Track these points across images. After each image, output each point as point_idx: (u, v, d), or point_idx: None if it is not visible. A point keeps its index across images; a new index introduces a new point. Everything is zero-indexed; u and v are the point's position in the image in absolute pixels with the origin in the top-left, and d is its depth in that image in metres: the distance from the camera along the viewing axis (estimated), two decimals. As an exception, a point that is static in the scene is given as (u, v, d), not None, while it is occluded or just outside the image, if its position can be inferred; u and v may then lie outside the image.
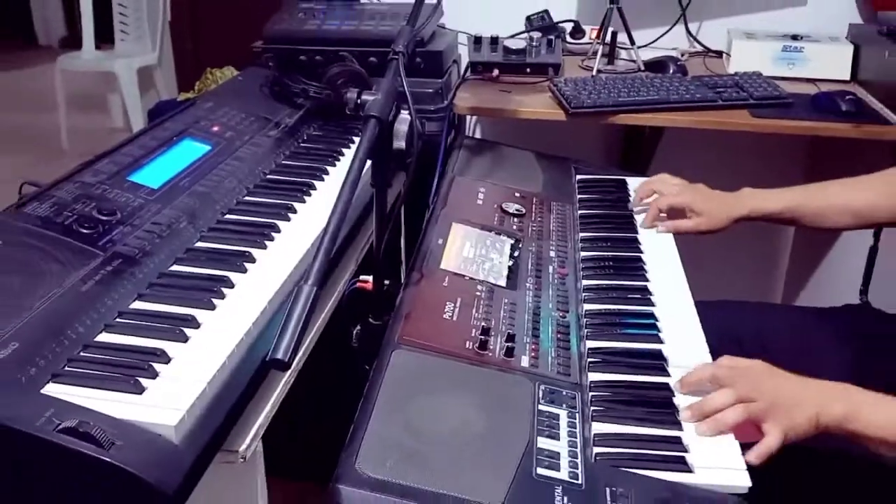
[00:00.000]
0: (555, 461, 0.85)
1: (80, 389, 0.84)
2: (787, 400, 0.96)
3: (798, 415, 0.94)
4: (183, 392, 0.85)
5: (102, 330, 0.94)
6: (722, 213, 1.33)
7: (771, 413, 0.94)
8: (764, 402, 0.95)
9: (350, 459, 0.80)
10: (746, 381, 0.97)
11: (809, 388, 0.98)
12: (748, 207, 1.33)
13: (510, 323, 1.08)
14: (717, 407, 0.94)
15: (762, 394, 0.95)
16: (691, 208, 1.36)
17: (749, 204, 1.33)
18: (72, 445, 0.76)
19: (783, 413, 0.94)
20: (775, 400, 0.95)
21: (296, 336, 0.75)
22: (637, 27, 2.05)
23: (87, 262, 1.03)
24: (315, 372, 1.14)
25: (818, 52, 1.98)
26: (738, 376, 0.97)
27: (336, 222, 0.85)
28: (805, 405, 0.95)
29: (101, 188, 1.19)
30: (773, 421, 0.94)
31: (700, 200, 1.35)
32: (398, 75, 1.07)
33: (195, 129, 1.45)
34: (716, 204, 1.34)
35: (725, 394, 0.95)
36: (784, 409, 0.95)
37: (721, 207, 1.34)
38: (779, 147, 2.27)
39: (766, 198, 1.34)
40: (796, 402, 0.95)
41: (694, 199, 1.36)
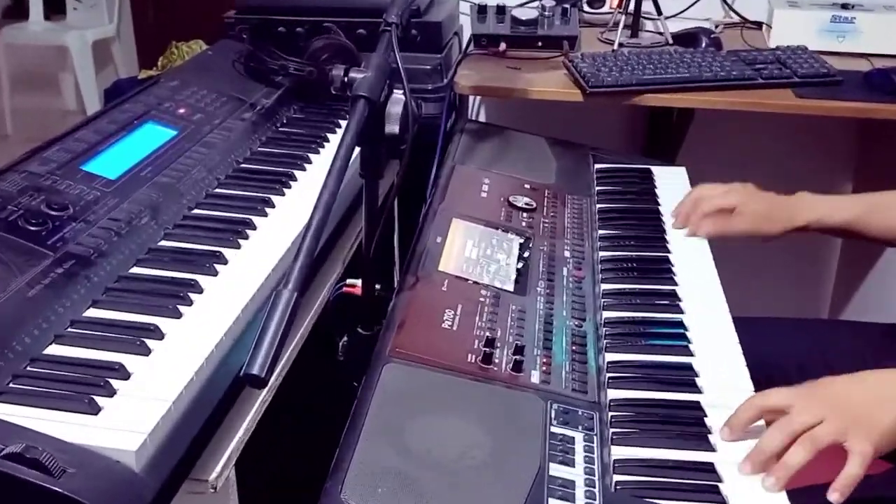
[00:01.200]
0: (569, 491, 0.85)
1: (26, 409, 0.84)
2: (862, 407, 0.91)
3: (881, 418, 0.90)
4: (145, 412, 0.85)
5: (52, 341, 0.95)
6: (779, 219, 1.31)
7: (850, 429, 0.89)
8: (837, 420, 0.90)
9: (335, 488, 0.80)
10: (803, 403, 0.92)
11: (880, 383, 0.95)
12: (810, 218, 1.31)
13: (518, 333, 1.08)
14: (776, 446, 0.89)
15: (831, 410, 0.90)
16: (742, 211, 1.33)
17: (810, 214, 1.31)
18: (17, 474, 0.76)
19: (863, 425, 0.89)
20: (847, 414, 0.90)
21: (273, 349, 0.75)
22: (664, -6, 2.05)
23: (34, 263, 1.03)
24: (296, 389, 1.14)
25: (872, 23, 1.98)
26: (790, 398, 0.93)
27: (320, 218, 0.85)
28: (884, 404, 0.91)
29: (51, 179, 1.20)
30: (854, 438, 0.89)
31: (753, 202, 1.32)
32: (391, 49, 1.07)
33: (158, 111, 1.46)
34: (772, 208, 1.32)
35: (779, 429, 0.90)
36: (862, 419, 0.90)
37: (778, 213, 1.31)
38: (827, 132, 2.27)
39: (827, 208, 1.31)
40: (872, 404, 0.92)
41: (745, 200, 1.33)
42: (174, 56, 3.44)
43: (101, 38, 3.99)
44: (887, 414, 0.91)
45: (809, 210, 1.32)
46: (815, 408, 0.91)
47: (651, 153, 2.15)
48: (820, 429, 0.90)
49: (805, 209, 1.32)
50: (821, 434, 0.89)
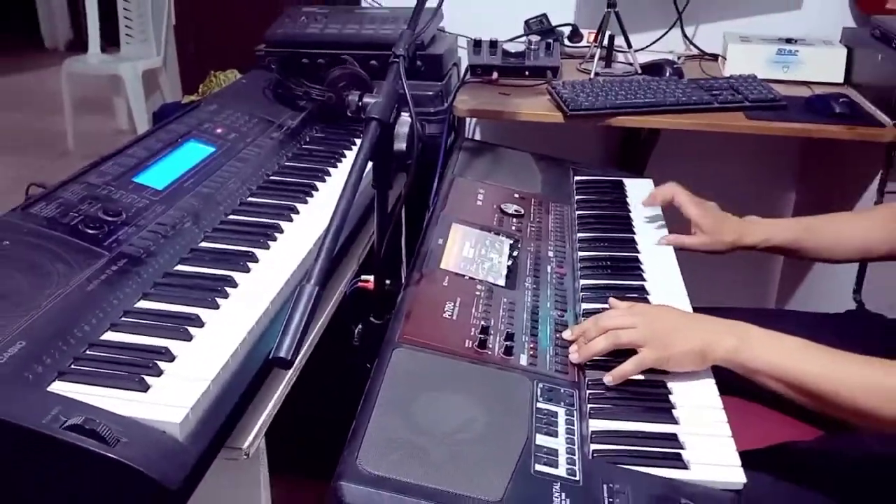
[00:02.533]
0: (553, 458, 0.85)
1: (86, 387, 0.84)
2: (669, 329, 0.98)
3: (678, 343, 0.97)
4: (187, 390, 0.85)
5: (108, 329, 0.95)
6: (728, 238, 1.30)
7: (648, 340, 0.97)
8: (642, 330, 0.98)
9: (352, 456, 0.80)
10: (632, 312, 1.01)
11: (699, 320, 1.01)
12: (754, 238, 1.31)
13: (509, 322, 1.08)
14: (589, 336, 0.99)
15: (643, 323, 0.98)
16: (697, 226, 1.32)
17: (755, 235, 1.31)
18: (78, 442, 0.76)
19: (661, 341, 0.97)
20: (655, 329, 0.98)
21: (298, 335, 0.75)
22: (634, 31, 2.05)
23: (92, 261, 1.03)
24: (317, 370, 1.14)
25: (812, 56, 1.98)
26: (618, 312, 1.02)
27: (338, 223, 0.85)
28: (689, 336, 0.98)
29: (107, 189, 1.20)
30: (648, 349, 0.97)
31: (709, 221, 1.31)
32: (399, 78, 1.07)
33: (199, 130, 1.46)
34: (724, 228, 1.31)
35: (598, 321, 1.00)
36: (663, 336, 0.97)
37: (729, 233, 1.31)
38: (773, 148, 2.27)
39: (771, 230, 1.31)
40: (679, 331, 0.98)
41: (704, 217, 1.32)
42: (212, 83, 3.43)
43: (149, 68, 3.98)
44: (684, 343, 0.97)
45: (757, 230, 1.31)
46: (634, 316, 1.01)
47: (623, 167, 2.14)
48: (626, 331, 0.99)
49: (753, 230, 1.31)
50: (624, 334, 0.99)
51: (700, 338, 0.98)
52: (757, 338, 0.97)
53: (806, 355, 0.94)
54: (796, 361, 0.94)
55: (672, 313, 1.04)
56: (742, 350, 0.96)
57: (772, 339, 0.97)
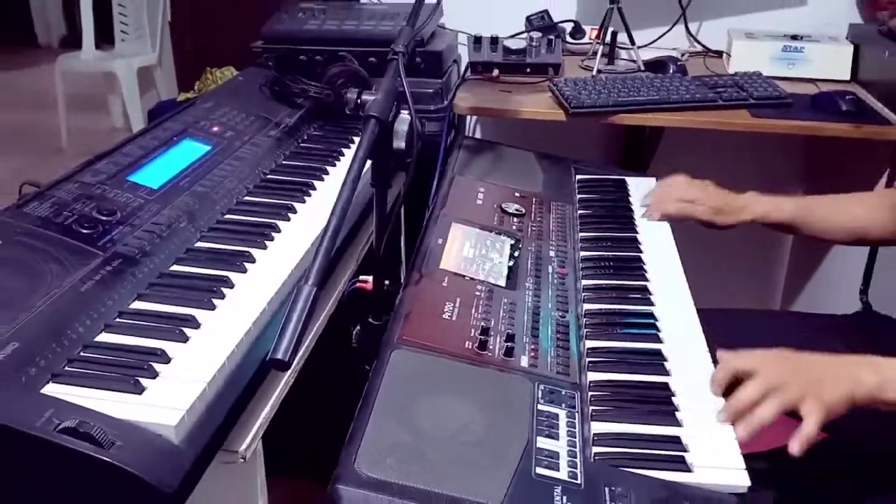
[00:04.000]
0: (554, 461, 0.85)
1: (80, 389, 0.84)
2: (820, 378, 0.95)
3: (834, 391, 0.93)
4: (183, 392, 0.85)
5: (102, 330, 0.95)
6: (730, 212, 1.36)
7: (807, 396, 0.93)
8: (797, 386, 0.93)
9: (349, 459, 0.80)
10: (770, 367, 0.96)
11: (836, 363, 0.98)
12: (756, 213, 1.35)
13: (510, 323, 1.08)
14: (750, 401, 0.93)
15: (793, 377, 0.94)
16: (700, 202, 1.37)
17: (757, 209, 1.35)
18: (72, 445, 0.76)
19: (817, 393, 0.93)
20: (805, 382, 0.94)
21: (296, 336, 0.75)
22: (637, 27, 2.05)
23: (86, 262, 1.03)
24: (315, 372, 1.14)
25: (818, 52, 1.98)
26: (759, 363, 0.97)
27: (336, 222, 0.85)
28: (838, 381, 0.95)
29: (101, 188, 1.20)
30: (810, 403, 0.92)
31: (709, 197, 1.37)
32: (398, 75, 1.07)
33: (195, 129, 1.46)
34: (725, 202, 1.36)
35: (754, 386, 0.94)
36: (817, 388, 0.93)
37: (730, 207, 1.36)
38: (779, 147, 2.27)
39: (772, 204, 1.36)
40: (828, 379, 0.95)
41: (704, 194, 1.38)
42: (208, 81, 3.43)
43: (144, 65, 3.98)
44: (834, 390, 0.93)
45: (757, 204, 1.36)
46: (781, 373, 0.95)
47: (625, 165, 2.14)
48: (785, 392, 0.93)
49: (753, 205, 1.36)
50: (786, 396, 0.93)
51: (845, 383, 0.95)
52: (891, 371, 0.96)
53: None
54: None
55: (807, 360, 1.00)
56: (884, 388, 0.94)
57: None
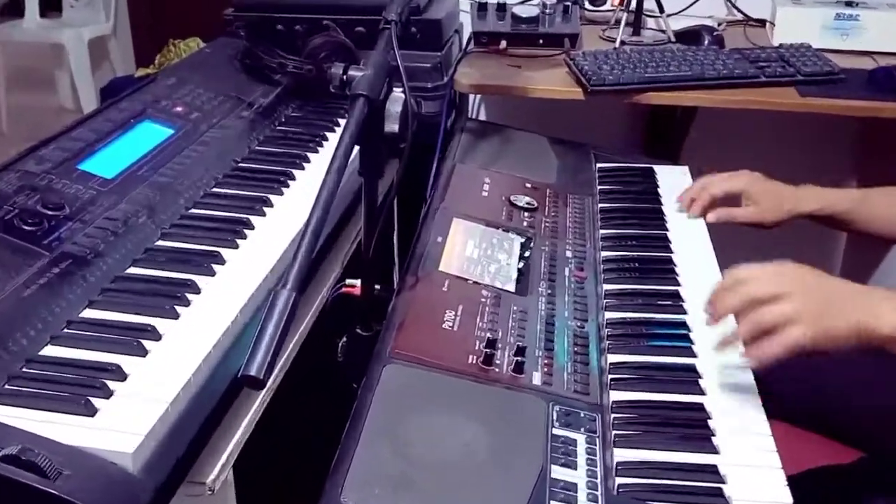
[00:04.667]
0: (571, 493, 0.85)
1: (22, 411, 0.84)
2: (826, 300, 0.95)
3: (837, 316, 0.94)
4: (141, 414, 0.85)
5: (48, 342, 0.95)
6: (783, 205, 1.35)
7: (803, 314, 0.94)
8: (794, 301, 0.94)
9: (335, 490, 0.80)
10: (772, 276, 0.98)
11: (858, 290, 0.99)
12: (812, 205, 1.34)
13: (520, 334, 1.08)
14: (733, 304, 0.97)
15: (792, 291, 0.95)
16: (748, 196, 1.37)
17: (813, 201, 1.35)
18: (13, 476, 0.76)
19: (818, 315, 0.94)
20: (809, 299, 0.95)
21: (272, 350, 0.75)
22: (667, -8, 2.05)
23: (30, 263, 1.03)
24: (295, 390, 1.14)
25: (876, 21, 1.98)
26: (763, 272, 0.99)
27: (318, 217, 0.85)
28: (848, 308, 0.95)
29: (47, 178, 1.20)
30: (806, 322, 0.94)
31: (759, 188, 1.37)
32: (390, 47, 1.07)
33: (155, 109, 1.46)
34: (777, 194, 1.36)
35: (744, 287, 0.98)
36: (819, 309, 0.94)
37: (782, 199, 1.35)
38: (831, 130, 2.27)
39: (830, 197, 1.35)
40: (835, 300, 0.96)
41: (752, 185, 1.37)
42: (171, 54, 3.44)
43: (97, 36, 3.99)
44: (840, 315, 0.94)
45: (815, 198, 1.36)
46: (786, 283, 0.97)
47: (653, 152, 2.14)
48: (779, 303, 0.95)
49: (810, 197, 1.36)
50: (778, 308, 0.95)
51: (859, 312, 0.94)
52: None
53: None
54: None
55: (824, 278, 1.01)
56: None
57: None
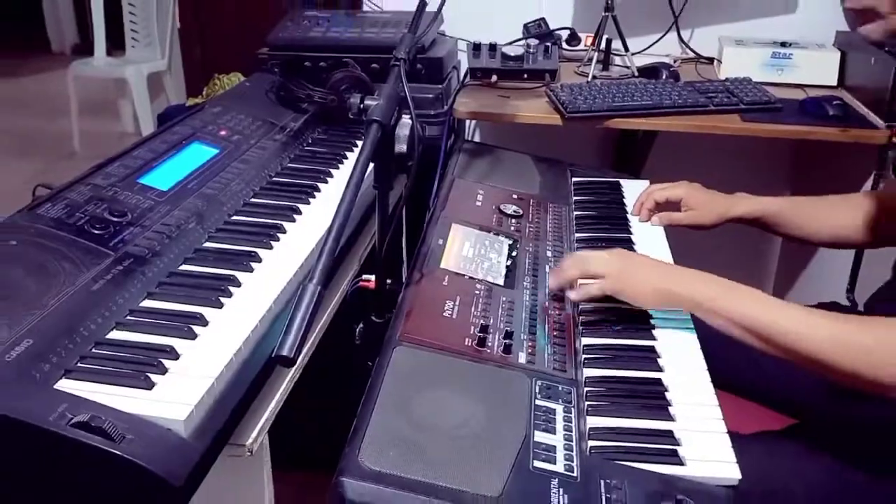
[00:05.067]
0: (551, 454, 0.85)
1: (92, 385, 0.84)
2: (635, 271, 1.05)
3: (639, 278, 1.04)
4: (191, 387, 0.86)
5: (113, 327, 0.95)
6: (716, 210, 1.35)
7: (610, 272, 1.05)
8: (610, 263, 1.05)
9: (353, 452, 0.80)
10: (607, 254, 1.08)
11: (671, 268, 1.08)
12: (741, 210, 1.35)
13: (508, 321, 1.08)
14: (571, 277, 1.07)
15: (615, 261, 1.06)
16: (686, 203, 1.37)
17: (742, 207, 1.35)
18: (84, 439, 0.76)
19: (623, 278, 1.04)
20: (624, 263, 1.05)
21: (301, 333, 0.75)
22: (631, 34, 2.05)
23: (98, 261, 1.03)
24: (319, 368, 1.14)
25: (806, 59, 1.98)
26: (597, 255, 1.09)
27: (340, 223, 0.85)
28: (654, 278, 1.04)
29: (112, 190, 1.20)
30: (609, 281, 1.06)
31: (695, 196, 1.37)
32: (400, 81, 1.07)
33: (203, 132, 1.46)
34: (711, 201, 1.36)
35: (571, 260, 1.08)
36: (627, 276, 1.04)
37: (716, 205, 1.36)
38: (768, 150, 2.27)
39: (757, 203, 1.36)
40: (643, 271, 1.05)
41: (689, 193, 1.38)
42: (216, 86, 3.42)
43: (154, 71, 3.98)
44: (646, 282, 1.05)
45: (744, 204, 1.36)
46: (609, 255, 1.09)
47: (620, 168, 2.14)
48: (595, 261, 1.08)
49: (741, 203, 1.36)
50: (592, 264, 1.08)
51: (665, 279, 1.04)
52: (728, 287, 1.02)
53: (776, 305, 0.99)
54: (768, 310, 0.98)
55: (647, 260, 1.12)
56: (719, 298, 1.00)
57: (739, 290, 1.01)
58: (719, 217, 1.35)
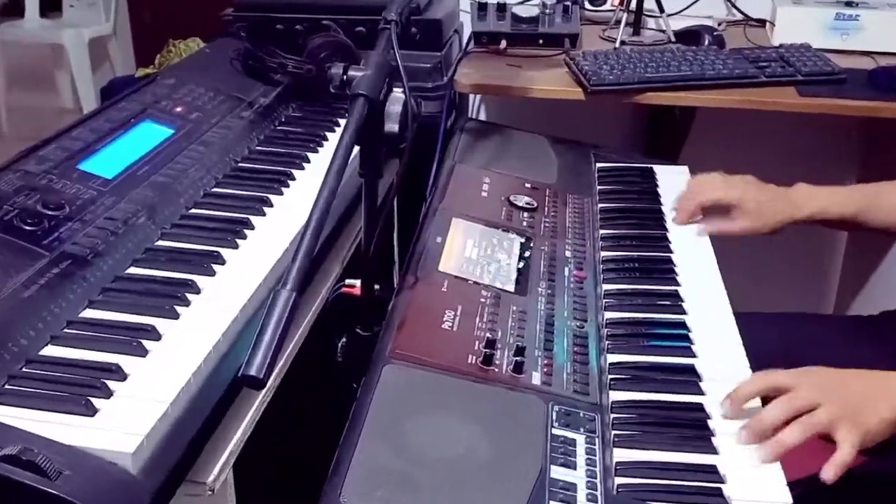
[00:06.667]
0: (571, 493, 0.85)
1: (22, 411, 0.84)
2: (857, 401, 0.95)
3: (872, 416, 0.94)
4: (142, 414, 0.85)
5: (48, 342, 0.95)
6: (777, 213, 1.32)
7: (840, 421, 0.94)
8: (829, 409, 0.94)
9: (334, 491, 0.80)
10: (804, 387, 0.96)
11: (881, 382, 0.98)
12: (810, 209, 1.32)
13: (519, 334, 1.08)
14: (775, 420, 0.93)
15: (828, 396, 0.95)
16: (741, 206, 1.33)
17: (810, 205, 1.32)
18: (13, 476, 0.76)
19: (855, 418, 0.94)
20: (842, 404, 0.95)
21: (272, 350, 0.75)
22: (667, -8, 2.05)
23: (30, 263, 1.03)
24: (294, 390, 1.14)
25: (876, 21, 1.98)
26: (794, 380, 0.97)
27: (318, 217, 0.85)
28: (879, 403, 0.95)
29: (47, 178, 1.20)
30: (844, 429, 0.93)
31: (752, 196, 1.32)
32: (390, 47, 1.08)
33: (155, 109, 1.46)
34: (770, 201, 1.32)
35: (780, 406, 0.94)
36: (854, 412, 0.94)
37: (776, 206, 1.32)
38: (831, 131, 2.27)
39: (827, 199, 1.32)
40: (867, 401, 0.95)
41: (745, 194, 1.33)
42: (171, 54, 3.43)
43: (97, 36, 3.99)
44: (873, 414, 0.94)
45: (810, 201, 1.33)
46: (815, 393, 0.95)
47: (653, 152, 2.15)
48: (816, 414, 0.94)
49: (806, 201, 1.33)
50: (816, 419, 0.94)
51: (890, 404, 0.96)
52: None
53: None
54: None
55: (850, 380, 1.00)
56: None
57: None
58: (783, 221, 1.31)
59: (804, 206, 1.32)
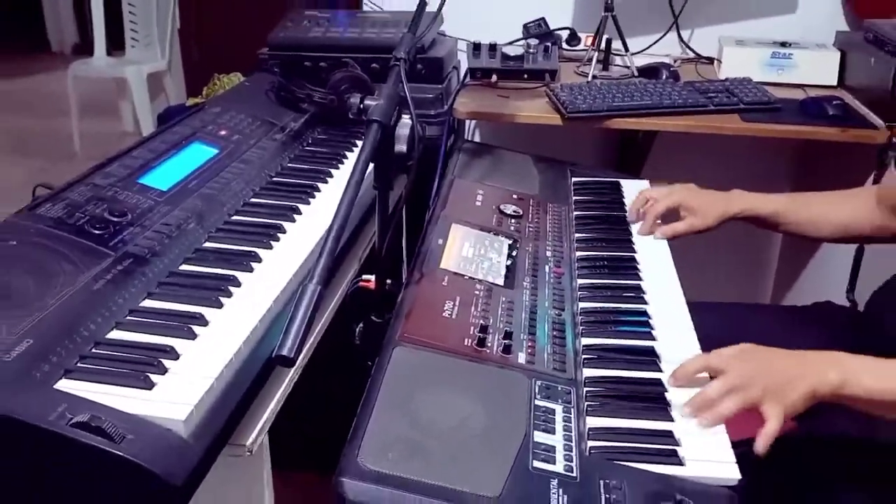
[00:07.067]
0: (551, 454, 0.85)
1: (92, 385, 0.84)
2: (781, 378, 0.96)
3: (793, 392, 0.95)
4: (191, 387, 0.86)
5: (114, 327, 0.95)
6: (714, 210, 1.34)
7: (767, 396, 0.94)
8: (758, 387, 0.95)
9: (353, 453, 0.80)
10: (737, 367, 0.97)
11: (801, 361, 0.99)
12: (739, 207, 1.35)
13: (508, 321, 1.08)
14: (712, 398, 0.94)
15: (754, 378, 0.95)
16: (684, 206, 1.36)
17: (740, 204, 1.35)
18: (84, 439, 0.76)
19: (779, 393, 0.94)
20: (768, 381, 0.95)
21: (300, 333, 0.75)
22: (631, 34, 2.05)
23: (98, 261, 1.03)
24: (319, 368, 1.14)
25: (806, 59, 1.98)
26: (728, 362, 0.98)
27: (340, 223, 0.85)
28: (799, 381, 0.95)
29: (112, 190, 1.20)
30: (769, 403, 0.94)
31: (692, 198, 1.36)
32: (400, 81, 1.07)
33: (203, 132, 1.45)
34: (707, 201, 1.35)
35: (718, 384, 0.95)
36: (778, 388, 0.95)
37: (713, 205, 1.35)
38: (768, 151, 2.27)
39: (756, 200, 1.35)
40: (789, 379, 0.96)
41: (686, 196, 1.37)
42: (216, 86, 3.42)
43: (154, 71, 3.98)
44: (794, 390, 0.95)
45: (740, 199, 1.35)
46: (745, 373, 0.96)
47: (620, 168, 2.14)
48: (747, 389, 0.94)
49: (736, 199, 1.36)
50: (746, 395, 0.94)
51: (808, 381, 0.95)
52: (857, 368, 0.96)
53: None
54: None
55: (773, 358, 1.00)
56: (847, 385, 0.95)
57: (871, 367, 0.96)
58: (719, 217, 1.34)
59: (736, 204, 1.35)
